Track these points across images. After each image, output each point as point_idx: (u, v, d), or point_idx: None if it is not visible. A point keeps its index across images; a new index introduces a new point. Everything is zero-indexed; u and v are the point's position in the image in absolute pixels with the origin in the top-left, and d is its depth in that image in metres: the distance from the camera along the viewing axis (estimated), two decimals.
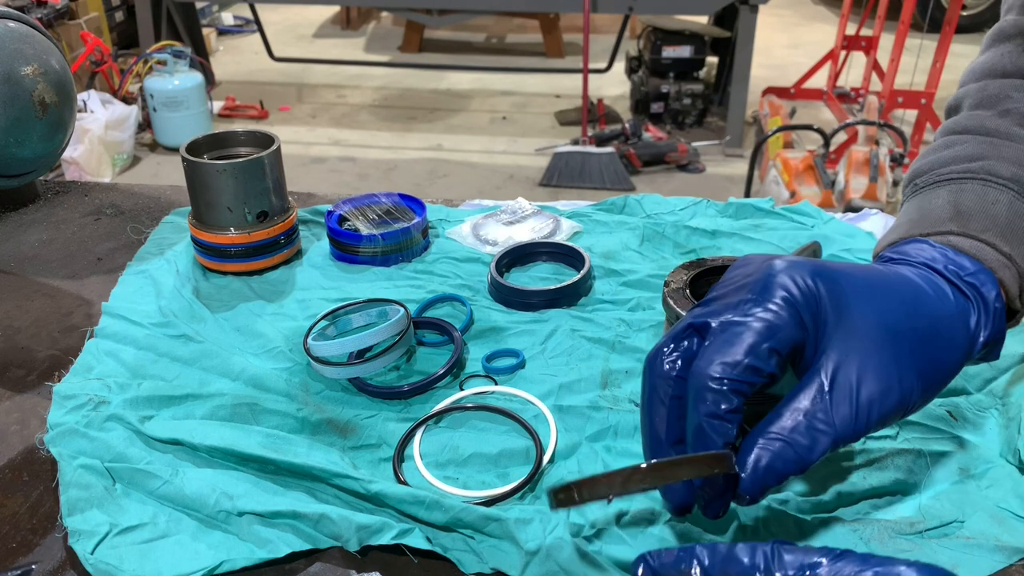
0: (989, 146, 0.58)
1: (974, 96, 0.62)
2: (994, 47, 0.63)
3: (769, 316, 0.47)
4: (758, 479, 0.45)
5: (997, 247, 0.53)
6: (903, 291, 0.51)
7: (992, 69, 0.62)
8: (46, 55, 0.93)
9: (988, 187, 0.56)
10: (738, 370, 0.46)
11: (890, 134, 3.21)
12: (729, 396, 0.46)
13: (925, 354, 0.49)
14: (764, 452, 0.46)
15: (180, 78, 3.94)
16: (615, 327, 0.81)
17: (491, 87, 5.06)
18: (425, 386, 0.73)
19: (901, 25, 3.59)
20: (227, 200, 0.88)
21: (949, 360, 0.51)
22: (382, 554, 0.58)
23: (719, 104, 4.55)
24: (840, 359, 0.47)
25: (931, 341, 0.50)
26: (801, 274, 0.48)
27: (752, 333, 0.46)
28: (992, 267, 0.53)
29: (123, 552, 0.57)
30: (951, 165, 0.59)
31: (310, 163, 4.02)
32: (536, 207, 1.05)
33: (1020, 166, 0.57)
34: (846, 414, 0.46)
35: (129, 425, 0.67)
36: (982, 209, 0.55)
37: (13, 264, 0.98)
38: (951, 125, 0.62)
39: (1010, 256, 0.53)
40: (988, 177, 0.57)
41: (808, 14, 6.63)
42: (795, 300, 0.47)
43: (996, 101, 0.60)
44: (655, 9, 4.11)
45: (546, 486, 0.62)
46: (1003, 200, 0.55)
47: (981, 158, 0.58)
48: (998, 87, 0.61)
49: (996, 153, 0.58)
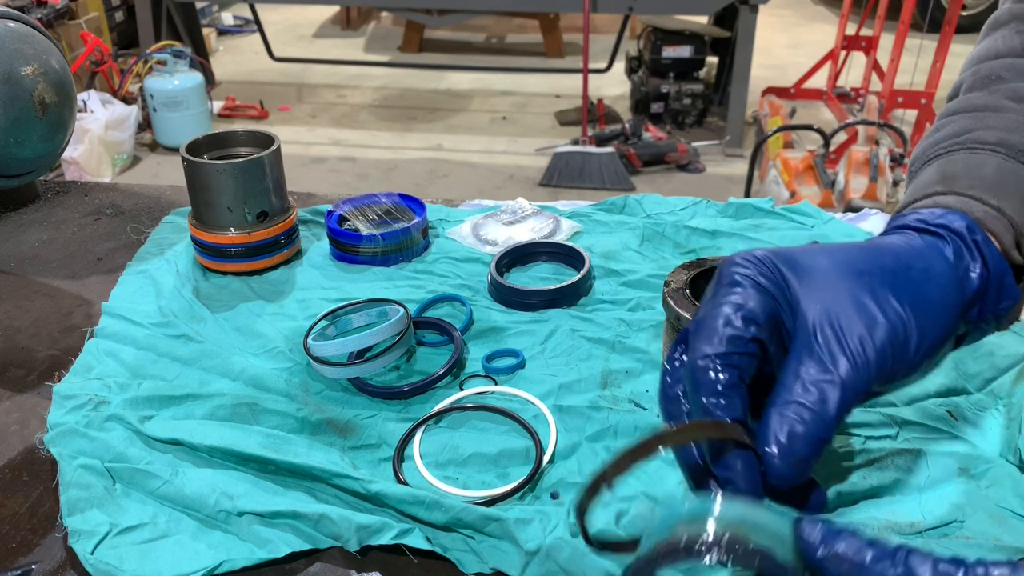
0: (975, 120, 0.58)
1: (968, 81, 0.62)
2: (990, 35, 0.64)
3: (733, 296, 0.47)
4: (785, 450, 0.43)
5: (983, 200, 0.53)
6: (859, 244, 0.51)
7: (987, 54, 0.62)
8: (46, 55, 0.93)
9: (974, 154, 0.56)
10: (720, 344, 0.45)
11: (890, 134, 3.21)
12: (720, 370, 0.45)
13: (902, 285, 0.48)
14: (780, 421, 0.44)
15: (180, 78, 3.94)
16: (615, 327, 0.81)
17: (491, 87, 5.06)
18: (425, 386, 0.73)
19: (901, 25, 3.59)
20: (227, 200, 0.88)
21: (937, 292, 0.49)
22: (382, 554, 0.58)
23: (719, 104, 4.54)
24: (814, 313, 0.46)
25: (903, 273, 0.48)
26: (751, 255, 0.49)
27: (721, 313, 0.46)
28: (979, 218, 0.52)
29: (123, 552, 0.57)
30: (939, 144, 0.59)
31: (310, 163, 4.02)
32: (536, 207, 1.05)
33: (1007, 131, 0.56)
34: (841, 359, 0.45)
35: (129, 425, 0.67)
36: (968, 171, 0.55)
37: (13, 264, 0.98)
38: (944, 111, 0.63)
39: (999, 208, 0.52)
40: (974, 145, 0.56)
41: (808, 14, 6.63)
42: (753, 276, 0.47)
43: (987, 82, 0.61)
44: (655, 9, 4.11)
45: (546, 486, 0.62)
46: (991, 162, 0.55)
47: (967, 131, 0.58)
48: (989, 68, 0.61)
49: (982, 124, 0.57)
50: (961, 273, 0.50)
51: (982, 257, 0.50)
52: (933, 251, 0.50)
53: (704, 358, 0.45)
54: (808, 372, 0.45)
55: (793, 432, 0.43)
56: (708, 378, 0.45)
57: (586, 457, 0.65)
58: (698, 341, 0.46)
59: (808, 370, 0.45)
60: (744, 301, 0.46)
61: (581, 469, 0.64)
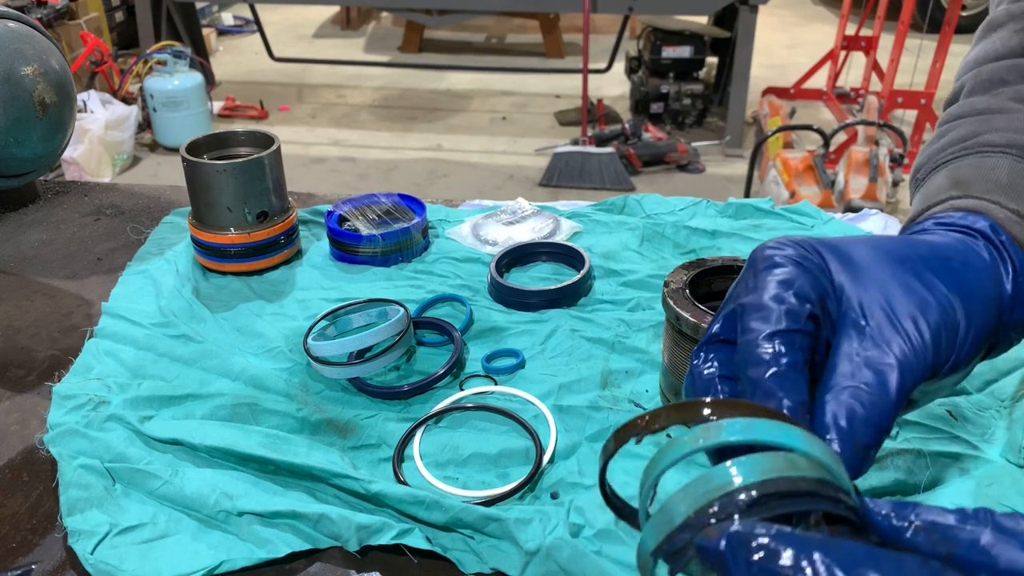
0: (982, 123, 0.57)
1: (969, 84, 0.61)
2: (986, 37, 0.63)
3: (778, 275, 0.43)
4: (846, 436, 0.39)
5: (1001, 203, 0.51)
6: (894, 236, 0.49)
7: (985, 56, 0.61)
8: (46, 55, 0.93)
9: (984, 157, 0.54)
10: (778, 321, 0.41)
11: (890, 134, 3.21)
12: (783, 348, 0.40)
13: (944, 272, 0.45)
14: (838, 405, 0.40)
15: (180, 78, 3.94)
16: (615, 327, 0.81)
17: (491, 87, 5.06)
18: (425, 386, 0.73)
19: (901, 25, 3.59)
20: (227, 200, 0.88)
21: (978, 281, 0.46)
22: (382, 554, 0.58)
23: (719, 104, 4.54)
24: (861, 296, 0.44)
25: (943, 263, 0.46)
26: (788, 238, 0.46)
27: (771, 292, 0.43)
28: (1000, 220, 0.50)
29: (123, 552, 0.57)
30: (946, 150, 0.57)
31: (310, 163, 4.02)
32: (536, 207, 1.05)
33: (1017, 132, 0.55)
34: (896, 340, 0.42)
35: (129, 425, 0.67)
36: (981, 175, 0.53)
37: (13, 264, 0.98)
38: (945, 117, 0.61)
39: (1018, 212, 0.50)
40: (983, 148, 0.55)
41: (808, 14, 6.63)
42: (794, 256, 0.45)
43: (989, 85, 0.59)
44: (655, 9, 4.11)
45: (546, 486, 0.62)
46: (1003, 165, 0.53)
47: (975, 135, 0.56)
48: (990, 71, 0.60)
49: (989, 127, 0.56)
50: (992, 265, 0.48)
51: (1011, 259, 0.48)
52: (967, 246, 0.48)
53: (767, 338, 0.41)
54: (862, 354, 0.42)
55: (853, 416, 0.40)
56: (771, 357, 0.41)
57: (586, 457, 0.65)
58: (751, 321, 0.42)
59: (862, 352, 0.42)
60: (792, 278, 0.43)
61: (581, 469, 0.64)
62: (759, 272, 0.45)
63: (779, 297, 0.42)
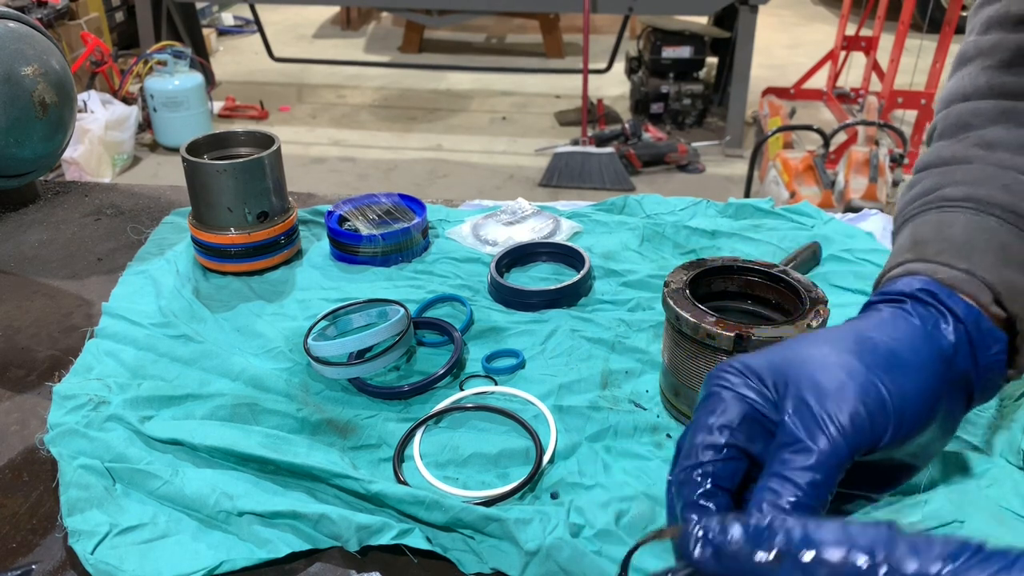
0: (943, 175, 0.59)
1: (940, 125, 0.63)
2: (957, 71, 0.65)
3: (711, 404, 0.48)
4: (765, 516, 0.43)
5: (952, 265, 0.54)
6: (827, 330, 0.52)
7: (955, 95, 0.63)
8: (46, 55, 0.93)
9: (943, 213, 0.57)
10: (693, 456, 0.46)
11: (890, 134, 3.21)
12: (694, 482, 0.46)
13: (869, 353, 0.48)
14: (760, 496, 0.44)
15: (180, 78, 3.94)
16: (615, 327, 0.81)
17: (491, 87, 5.06)
18: (425, 386, 0.73)
19: (901, 25, 3.59)
20: (227, 200, 0.88)
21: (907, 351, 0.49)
22: (382, 554, 0.58)
23: (719, 104, 4.55)
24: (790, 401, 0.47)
25: (868, 343, 0.49)
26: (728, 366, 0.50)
27: (697, 423, 0.48)
28: (945, 280, 0.53)
29: (123, 552, 0.57)
30: (912, 204, 0.60)
31: (310, 163, 4.02)
32: (536, 207, 1.05)
33: (974, 185, 0.57)
34: (818, 432, 0.45)
35: (129, 425, 0.67)
36: (936, 233, 0.56)
37: (13, 264, 0.98)
38: (918, 164, 0.64)
39: (968, 270, 0.53)
40: (942, 204, 0.58)
41: (808, 14, 6.63)
42: (729, 382, 0.49)
43: (956, 129, 0.61)
44: (655, 9, 4.11)
45: (546, 486, 0.62)
46: (959, 221, 0.56)
47: (936, 189, 0.59)
48: (957, 114, 0.62)
49: (950, 180, 0.58)
50: (930, 329, 0.50)
51: (950, 311, 0.51)
52: (896, 318, 0.51)
53: (683, 469, 0.47)
54: (787, 448, 0.45)
55: (777, 503, 0.43)
56: (686, 492, 0.46)
57: (586, 457, 0.65)
58: (676, 458, 0.48)
59: (787, 446, 0.45)
60: (716, 408, 0.48)
61: (581, 469, 0.64)
62: (698, 407, 0.50)
63: (701, 428, 0.48)
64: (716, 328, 0.62)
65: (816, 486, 0.44)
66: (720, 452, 0.46)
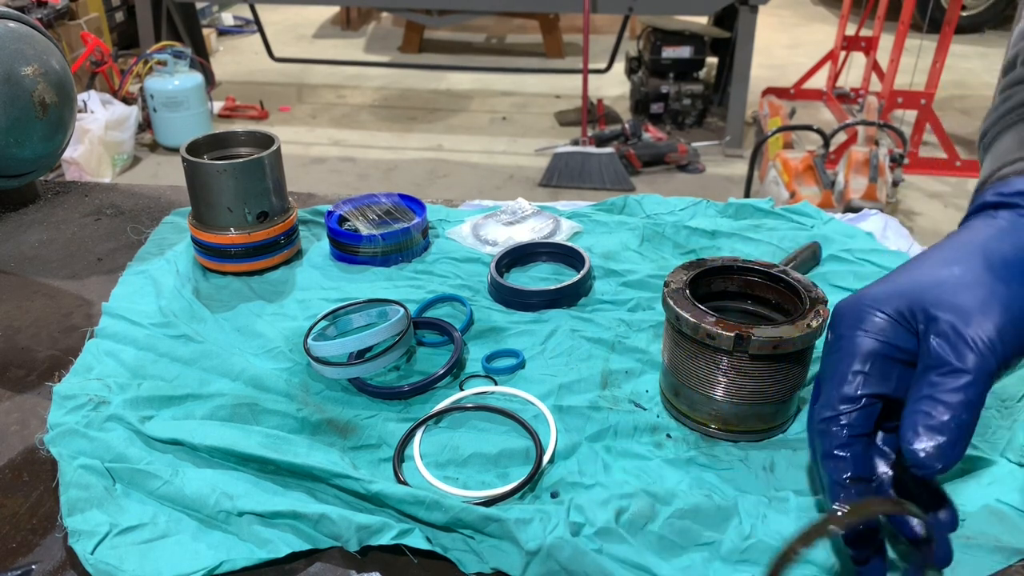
0: None
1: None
2: None
3: (843, 348, 0.50)
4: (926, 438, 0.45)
5: None
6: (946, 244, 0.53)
7: None
8: (46, 55, 0.93)
9: None
10: (829, 408, 0.49)
11: (890, 134, 3.21)
12: (831, 433, 0.48)
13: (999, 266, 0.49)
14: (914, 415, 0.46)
15: (180, 78, 3.94)
16: (615, 327, 0.81)
17: (491, 87, 5.06)
18: (425, 386, 0.73)
19: (901, 25, 3.59)
20: (227, 200, 0.88)
21: None
22: (382, 554, 0.58)
23: (719, 104, 4.55)
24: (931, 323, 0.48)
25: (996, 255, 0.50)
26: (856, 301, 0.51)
27: (831, 370, 0.50)
28: None
29: (123, 552, 0.57)
30: (1011, 113, 0.60)
31: (310, 163, 4.02)
32: (536, 207, 1.05)
33: None
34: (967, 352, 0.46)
35: (129, 425, 0.67)
36: None
37: (13, 264, 0.98)
38: (1006, 82, 0.63)
39: None
40: None
41: (808, 14, 6.63)
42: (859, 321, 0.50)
43: None
44: (655, 9, 4.11)
45: (546, 486, 0.62)
46: None
47: None
48: None
49: None
50: None
51: None
52: (1016, 225, 0.52)
53: (822, 421, 0.49)
54: (934, 370, 0.47)
55: (930, 424, 0.45)
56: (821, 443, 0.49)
57: (586, 457, 0.65)
58: (812, 403, 0.51)
59: (933, 369, 0.47)
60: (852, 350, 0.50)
61: (581, 469, 0.64)
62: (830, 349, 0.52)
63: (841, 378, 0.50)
64: (716, 328, 0.62)
65: (968, 405, 0.45)
66: (856, 403, 0.48)
